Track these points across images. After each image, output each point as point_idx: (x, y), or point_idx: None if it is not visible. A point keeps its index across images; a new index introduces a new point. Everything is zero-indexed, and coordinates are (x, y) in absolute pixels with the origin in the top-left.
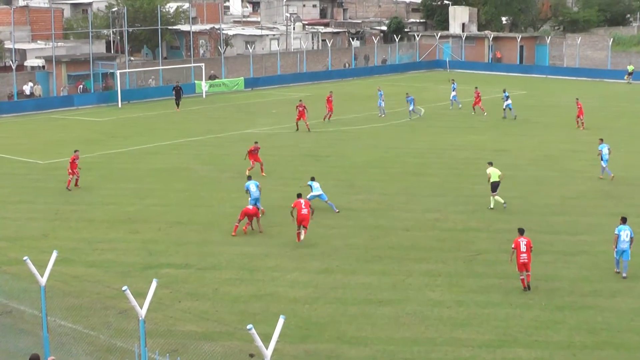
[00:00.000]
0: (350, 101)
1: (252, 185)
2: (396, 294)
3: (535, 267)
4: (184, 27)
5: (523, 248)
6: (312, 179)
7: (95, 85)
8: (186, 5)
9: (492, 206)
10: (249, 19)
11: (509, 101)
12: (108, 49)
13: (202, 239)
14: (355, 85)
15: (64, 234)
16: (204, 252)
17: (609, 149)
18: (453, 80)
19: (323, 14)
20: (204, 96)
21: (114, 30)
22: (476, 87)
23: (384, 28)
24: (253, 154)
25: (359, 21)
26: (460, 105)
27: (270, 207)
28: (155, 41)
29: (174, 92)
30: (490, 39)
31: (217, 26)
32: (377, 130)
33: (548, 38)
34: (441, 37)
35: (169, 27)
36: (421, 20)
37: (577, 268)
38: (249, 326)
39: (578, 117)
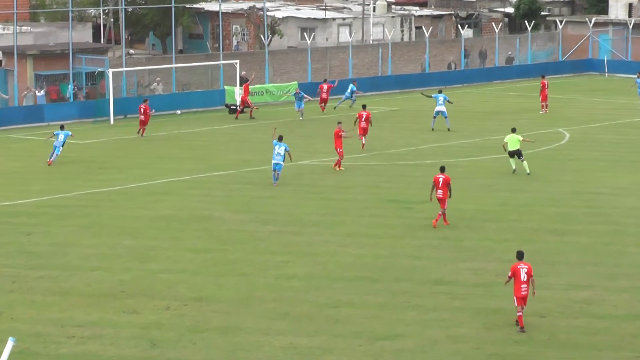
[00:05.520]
0: (456, 120)
1: None
2: None
3: None
4: (210, 6)
5: (524, 277)
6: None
7: (77, 91)
8: None
9: (514, 167)
10: None
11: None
12: (96, 37)
13: (232, 325)
14: (466, 97)
15: (25, 313)
16: (233, 345)
17: None
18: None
19: None
20: (239, 108)
21: (106, 10)
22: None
23: (510, 10)
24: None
25: None
26: None
27: (334, 278)
28: (166, 27)
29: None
30: None
31: (259, 5)
32: (497, 164)
33: None
34: (596, 24)
35: (188, 6)
36: None
37: None
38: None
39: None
